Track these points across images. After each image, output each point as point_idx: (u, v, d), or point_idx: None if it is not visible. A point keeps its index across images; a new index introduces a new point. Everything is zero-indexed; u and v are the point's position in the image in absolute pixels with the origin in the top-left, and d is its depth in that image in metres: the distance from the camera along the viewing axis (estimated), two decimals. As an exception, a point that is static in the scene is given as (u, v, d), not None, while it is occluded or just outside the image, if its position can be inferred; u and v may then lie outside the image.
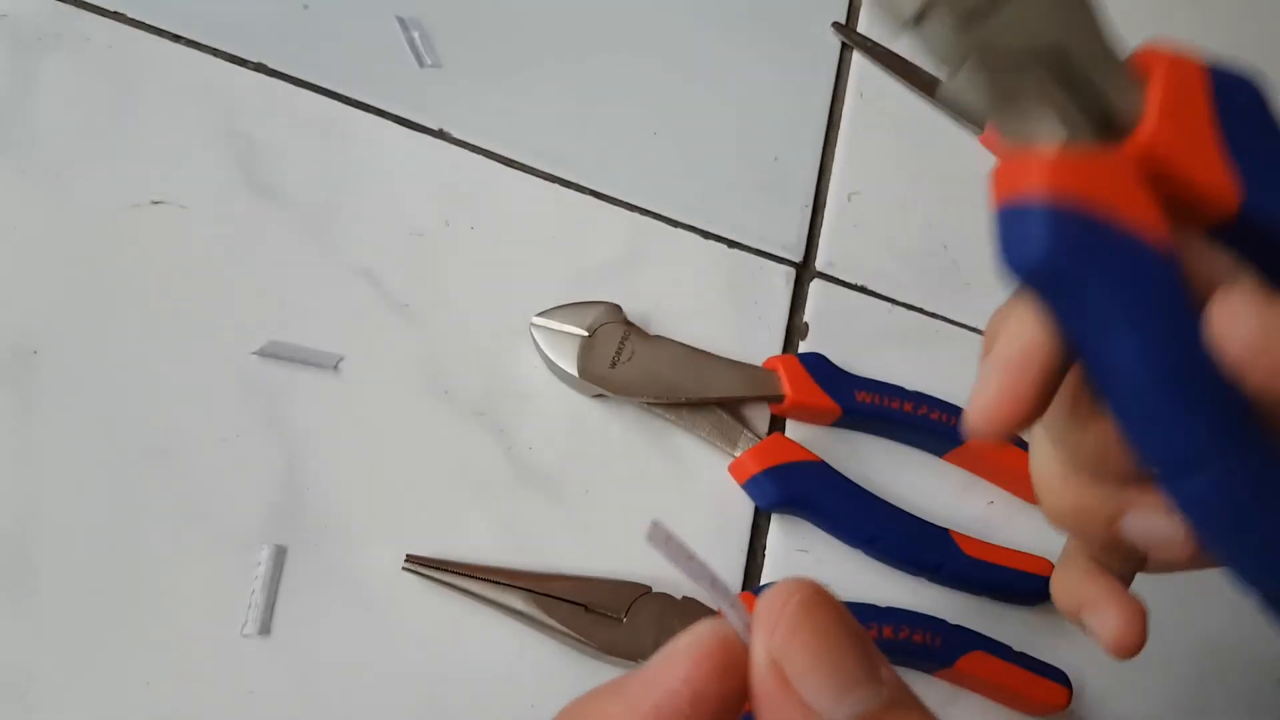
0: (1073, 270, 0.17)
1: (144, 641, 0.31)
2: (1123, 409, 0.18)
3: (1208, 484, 0.18)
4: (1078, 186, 0.17)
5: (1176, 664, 0.41)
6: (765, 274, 0.44)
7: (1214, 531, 0.18)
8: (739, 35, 0.49)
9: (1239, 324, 0.17)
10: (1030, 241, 0.17)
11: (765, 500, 0.38)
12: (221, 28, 0.41)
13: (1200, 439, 0.17)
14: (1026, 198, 0.17)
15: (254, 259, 0.37)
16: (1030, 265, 0.17)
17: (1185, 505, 0.18)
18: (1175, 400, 0.17)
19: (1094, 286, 0.17)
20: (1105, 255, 0.17)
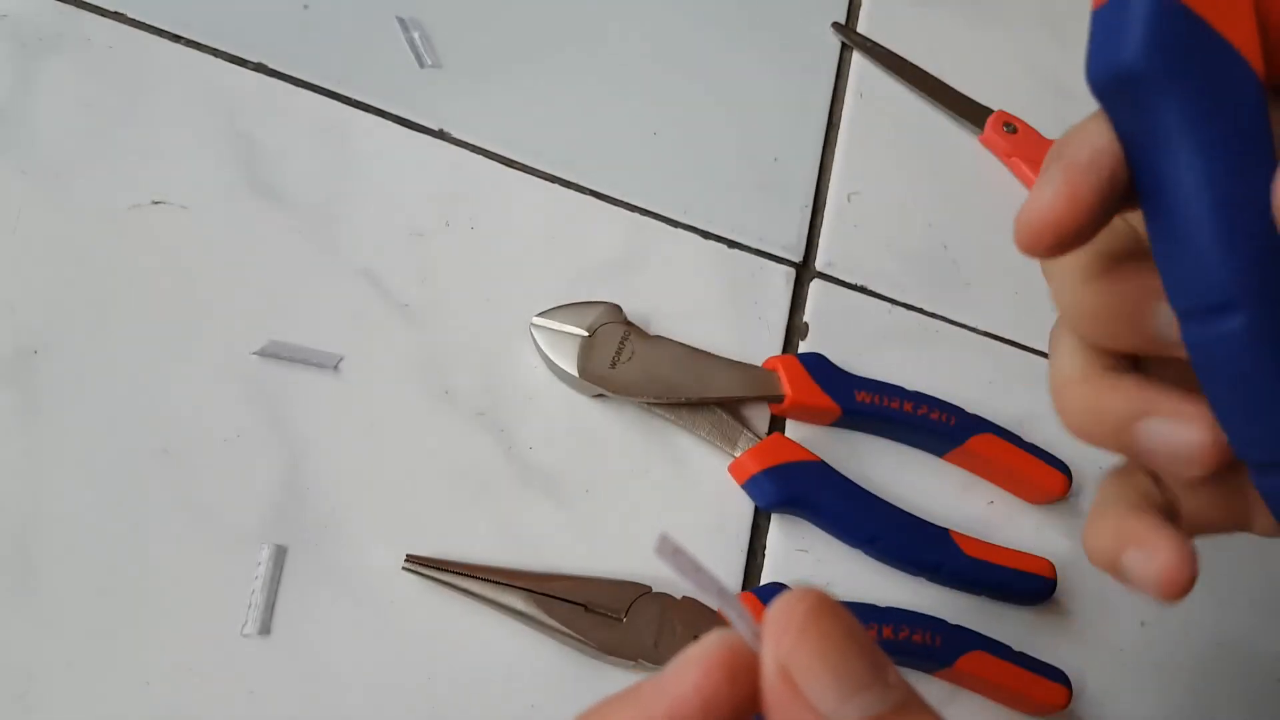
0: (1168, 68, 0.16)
1: (144, 641, 0.31)
2: (1168, 234, 0.17)
3: (1236, 327, 0.17)
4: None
5: (1176, 664, 0.41)
6: (765, 274, 0.44)
7: (1226, 380, 0.17)
8: (739, 35, 0.49)
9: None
10: (1129, 33, 0.16)
11: (765, 500, 0.38)
12: (221, 28, 0.41)
13: (1239, 278, 0.17)
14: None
15: (254, 259, 0.37)
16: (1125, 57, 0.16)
17: (1205, 346, 0.17)
18: (1225, 232, 0.16)
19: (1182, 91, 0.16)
20: (1201, 57, 0.16)
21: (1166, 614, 0.42)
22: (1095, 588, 0.41)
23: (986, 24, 0.54)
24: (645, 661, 0.34)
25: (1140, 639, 0.41)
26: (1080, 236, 0.18)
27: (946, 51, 0.51)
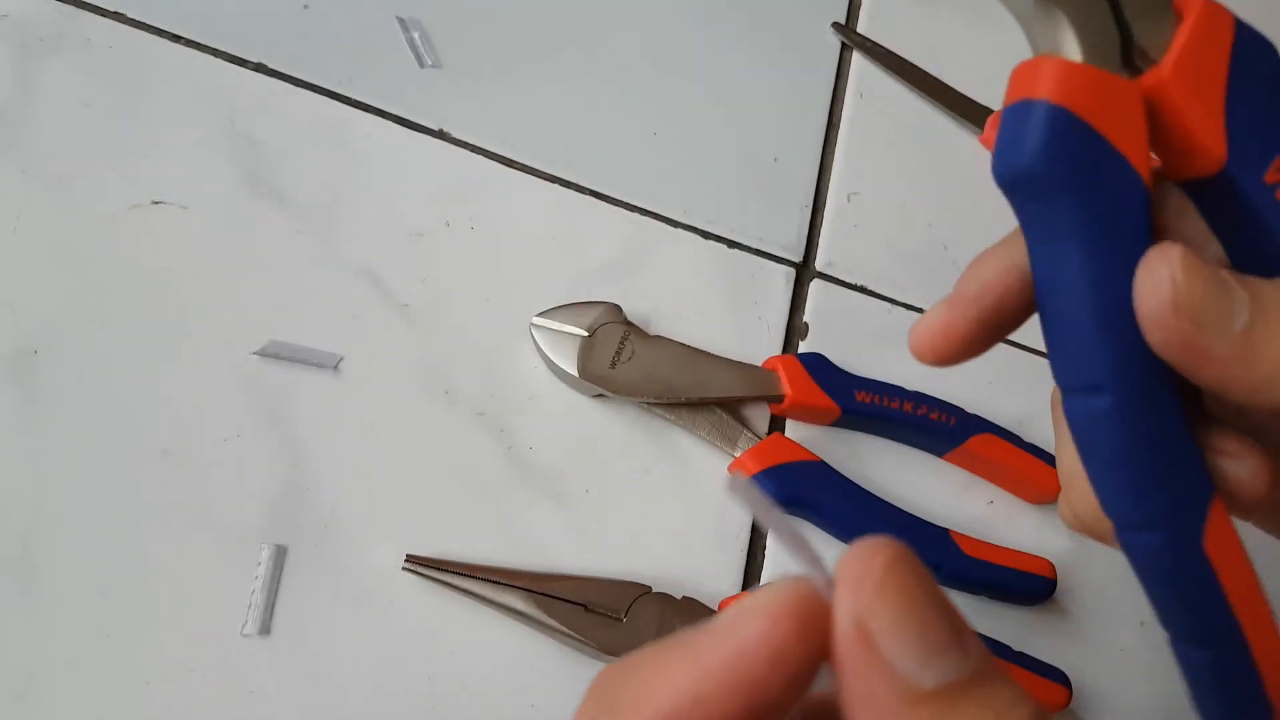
0: (1059, 172, 0.18)
1: (144, 641, 0.31)
2: (1053, 319, 0.19)
3: (1103, 406, 0.18)
4: (1084, 96, 0.18)
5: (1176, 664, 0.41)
6: (765, 274, 0.44)
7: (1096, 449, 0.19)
8: (739, 35, 0.49)
9: (1155, 287, 0.17)
10: (1027, 138, 0.18)
11: (765, 500, 0.38)
12: (221, 28, 0.41)
13: (1107, 365, 0.18)
14: (1034, 95, 0.18)
15: (254, 259, 0.37)
16: (1022, 160, 0.18)
17: (1080, 420, 0.19)
18: (1098, 323, 0.18)
19: (1071, 193, 0.18)
20: (1091, 163, 0.18)
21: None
22: (1095, 588, 0.41)
23: (986, 24, 0.54)
24: (645, 661, 0.34)
25: (1140, 639, 0.41)
26: (961, 356, 0.21)
27: (946, 51, 0.51)
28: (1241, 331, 0.18)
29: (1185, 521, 0.19)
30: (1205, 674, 0.20)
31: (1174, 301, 0.17)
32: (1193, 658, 0.20)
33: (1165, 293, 0.17)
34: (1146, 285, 0.18)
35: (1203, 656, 0.20)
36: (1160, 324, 0.18)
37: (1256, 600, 0.20)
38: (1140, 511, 0.19)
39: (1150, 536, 0.20)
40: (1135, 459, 0.19)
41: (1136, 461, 0.19)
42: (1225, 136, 0.18)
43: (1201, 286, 0.17)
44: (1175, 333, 0.18)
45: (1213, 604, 0.19)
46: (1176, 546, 0.19)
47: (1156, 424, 0.19)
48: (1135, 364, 0.18)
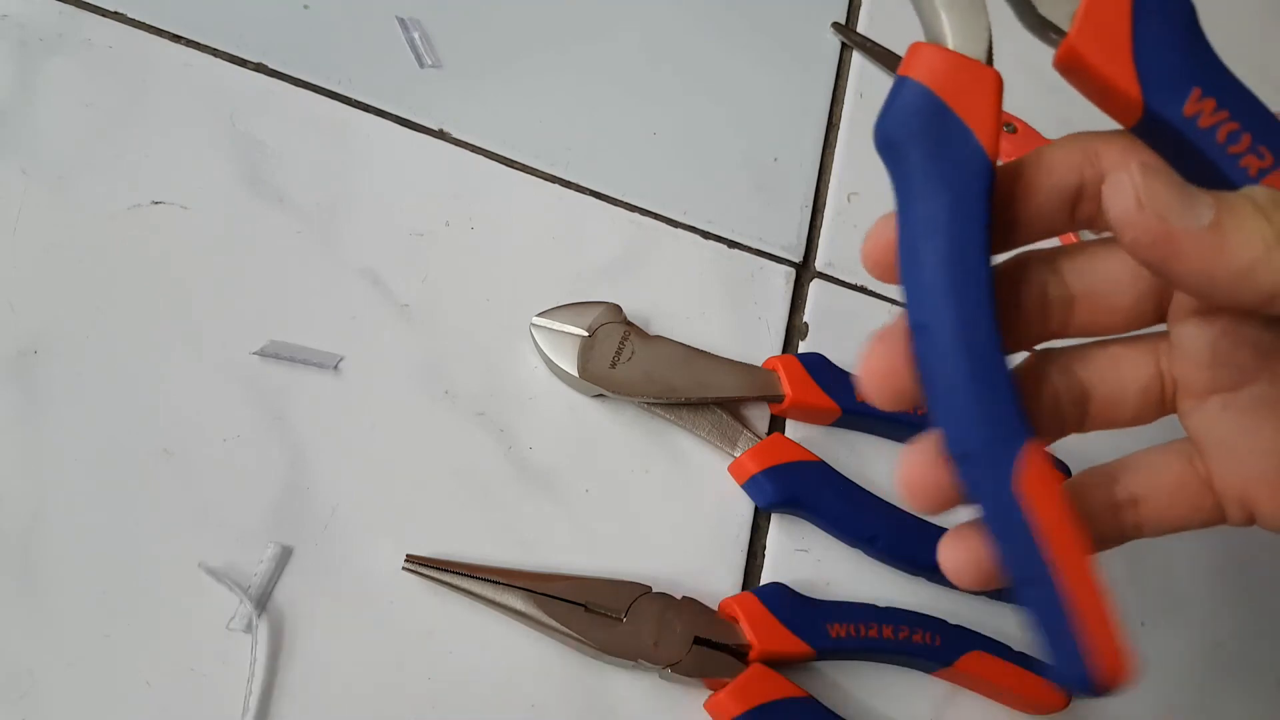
0: (915, 140, 0.21)
1: (145, 641, 0.31)
2: (901, 263, 0.22)
3: (931, 341, 0.21)
4: (946, 78, 0.21)
5: (1176, 664, 0.41)
6: (765, 274, 0.44)
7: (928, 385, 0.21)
8: (739, 36, 0.49)
9: (1122, 190, 0.19)
10: (895, 107, 0.21)
11: (765, 500, 0.38)
12: (221, 28, 0.41)
13: (942, 303, 0.21)
14: (908, 74, 0.21)
15: (254, 259, 0.37)
16: (888, 126, 0.22)
17: (919, 357, 0.22)
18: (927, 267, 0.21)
19: (923, 159, 0.21)
20: (938, 130, 0.21)
21: (1167, 614, 0.42)
22: (1095, 588, 0.41)
23: (986, 24, 0.54)
24: (645, 661, 0.34)
25: (1140, 639, 0.41)
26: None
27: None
28: (1210, 225, 0.19)
29: (998, 457, 0.21)
30: (1035, 615, 0.22)
31: (1136, 198, 0.19)
32: (1024, 599, 0.22)
33: (1129, 193, 0.19)
34: (1111, 192, 0.20)
35: (1029, 596, 0.21)
36: (1128, 221, 0.19)
37: (1070, 543, 0.21)
38: (959, 443, 0.21)
39: (971, 469, 0.21)
40: (952, 393, 0.21)
41: (953, 395, 0.21)
42: (1138, 83, 0.21)
43: (1162, 184, 0.19)
44: (1143, 228, 0.19)
45: (1025, 541, 0.21)
46: (991, 483, 0.21)
47: (972, 363, 0.21)
48: (955, 306, 0.21)
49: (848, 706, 0.36)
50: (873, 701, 0.37)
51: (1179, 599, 0.42)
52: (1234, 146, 0.21)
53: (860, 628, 0.36)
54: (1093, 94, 0.22)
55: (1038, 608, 0.21)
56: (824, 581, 0.38)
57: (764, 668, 0.34)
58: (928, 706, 0.38)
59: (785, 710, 0.34)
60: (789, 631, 0.35)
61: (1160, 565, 0.42)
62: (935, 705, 0.38)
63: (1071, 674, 0.21)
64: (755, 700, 0.33)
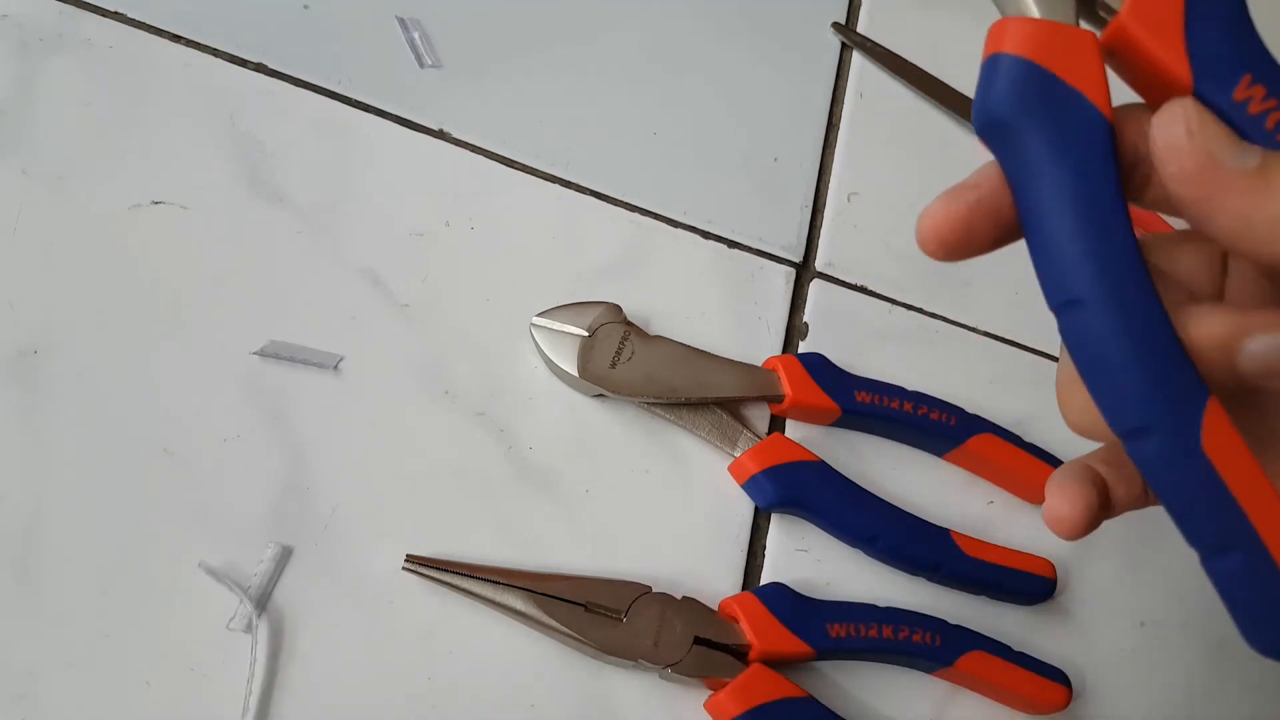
0: (1026, 117, 0.20)
1: (145, 641, 0.31)
2: (1037, 246, 0.21)
3: (1087, 317, 0.20)
4: (1044, 47, 0.20)
5: (1176, 664, 0.41)
6: (765, 274, 0.44)
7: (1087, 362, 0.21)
8: (739, 35, 0.49)
9: (1172, 121, 0.20)
10: (1002, 86, 0.21)
11: (765, 500, 0.38)
12: (221, 28, 0.41)
13: (1085, 278, 0.20)
14: (1000, 50, 0.21)
15: (254, 259, 0.37)
16: (993, 106, 0.21)
17: (1070, 334, 0.21)
18: (1076, 239, 0.20)
19: (1039, 134, 0.20)
20: (1051, 102, 0.20)
21: (1166, 614, 0.42)
22: (1095, 588, 0.41)
23: (986, 24, 0.53)
24: (645, 661, 0.34)
25: (1140, 639, 0.41)
26: (961, 245, 0.22)
27: (946, 51, 0.51)
28: (1256, 167, 0.19)
29: (1180, 424, 0.20)
30: (1233, 583, 0.21)
31: (1188, 129, 0.19)
32: (1219, 569, 0.21)
33: (1179, 125, 0.19)
34: (1162, 123, 0.20)
35: (1226, 564, 0.20)
36: (1176, 151, 0.19)
37: (1268, 498, 0.20)
38: (1134, 418, 0.20)
39: (1149, 444, 0.20)
40: (1122, 366, 0.20)
41: (1123, 368, 0.20)
42: (1189, 65, 0.21)
43: (1214, 124, 0.19)
44: (1190, 159, 0.19)
45: (1221, 506, 0.20)
46: (1175, 450, 0.20)
47: (1139, 330, 0.20)
48: (1110, 274, 0.20)
49: (848, 706, 0.37)
50: (873, 701, 0.37)
51: (1179, 599, 0.42)
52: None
53: (860, 628, 0.36)
54: (1138, 76, 0.21)
55: (1240, 575, 0.20)
56: (824, 581, 0.38)
57: (764, 668, 0.34)
58: (928, 706, 0.38)
59: (785, 710, 0.34)
60: (789, 631, 0.35)
61: (1160, 565, 0.42)
62: (935, 705, 0.38)
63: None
64: (755, 700, 0.33)
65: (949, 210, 0.22)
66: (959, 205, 0.22)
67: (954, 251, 0.22)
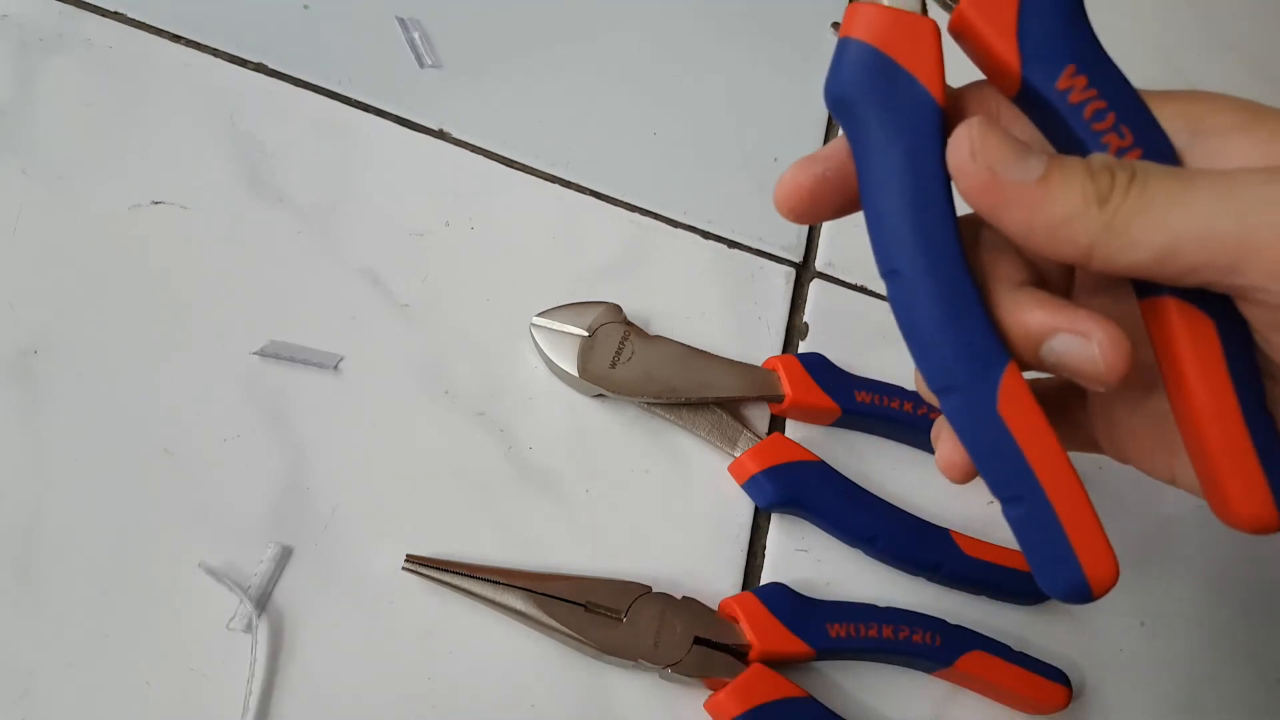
0: (865, 96, 0.22)
1: (145, 641, 0.31)
2: (868, 216, 0.23)
3: (905, 286, 0.22)
4: (888, 34, 0.22)
5: (1176, 664, 0.41)
6: (765, 274, 0.44)
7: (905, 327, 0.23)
8: (739, 35, 0.49)
9: (961, 140, 0.21)
10: (846, 67, 0.22)
11: (765, 500, 0.38)
12: (221, 28, 0.41)
13: (902, 250, 0.22)
14: (851, 35, 0.22)
15: (254, 259, 0.37)
16: (839, 86, 0.22)
17: (893, 300, 0.23)
18: (893, 216, 0.22)
19: (875, 112, 0.22)
20: (887, 84, 0.22)
21: (1166, 614, 0.42)
22: (1095, 588, 0.41)
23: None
24: (645, 661, 0.34)
25: (1140, 639, 0.41)
26: (810, 210, 0.24)
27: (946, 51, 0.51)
28: (1038, 180, 0.21)
29: (979, 385, 0.22)
30: (1024, 530, 0.23)
31: (971, 151, 0.21)
32: (1013, 517, 0.23)
33: (965, 146, 0.21)
34: (951, 144, 0.22)
35: (1017, 514, 0.22)
36: (963, 171, 0.21)
37: (1055, 458, 0.22)
38: (941, 377, 0.22)
39: (954, 400, 0.22)
40: (930, 331, 0.22)
41: (931, 332, 0.22)
42: (1018, 54, 0.22)
43: (996, 140, 0.21)
44: (975, 176, 0.21)
45: (1011, 461, 0.22)
46: (974, 408, 0.22)
47: (945, 300, 0.22)
48: (924, 248, 0.22)
49: (848, 706, 0.37)
50: (873, 701, 0.37)
51: (1179, 599, 0.42)
52: (1099, 123, 0.22)
53: (860, 628, 0.36)
54: (980, 63, 0.23)
55: (1028, 523, 0.22)
56: (824, 581, 0.38)
57: (764, 668, 0.34)
58: (928, 706, 0.38)
59: (785, 710, 0.34)
60: (789, 631, 0.35)
61: (1160, 565, 0.42)
62: (935, 705, 0.38)
63: (1065, 581, 0.22)
64: (755, 700, 0.33)
65: (798, 179, 0.24)
66: (807, 176, 0.24)
67: (802, 216, 0.25)
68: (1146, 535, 0.42)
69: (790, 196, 0.24)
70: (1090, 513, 0.22)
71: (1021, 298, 0.23)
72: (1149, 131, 0.22)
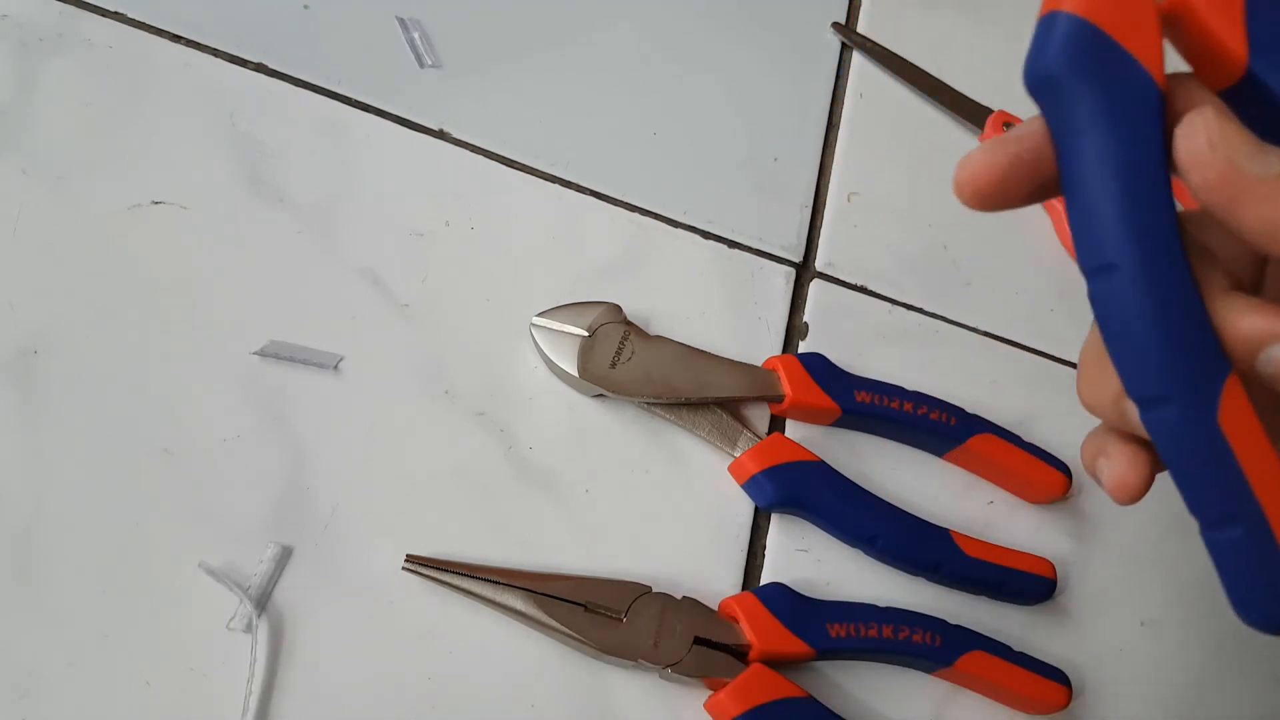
0: (1078, 76, 0.20)
1: (145, 641, 0.31)
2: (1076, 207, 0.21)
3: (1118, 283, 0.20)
4: (1102, 8, 0.20)
5: (1176, 664, 0.41)
6: (765, 274, 0.44)
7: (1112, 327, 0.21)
8: (739, 35, 0.49)
9: (1195, 130, 0.20)
10: (1054, 43, 0.20)
11: (765, 500, 0.38)
12: (221, 28, 0.41)
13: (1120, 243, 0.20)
14: (1059, 8, 0.20)
15: (254, 259, 0.37)
16: (1046, 63, 0.20)
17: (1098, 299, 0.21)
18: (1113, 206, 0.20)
19: (1088, 94, 0.20)
20: (1105, 64, 0.20)
21: (1166, 614, 0.42)
22: (1095, 588, 0.41)
23: (986, 24, 0.54)
24: (645, 661, 0.34)
25: (1140, 639, 0.41)
26: (999, 195, 0.22)
27: (946, 51, 0.51)
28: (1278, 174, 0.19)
29: (1199, 396, 0.20)
30: (1231, 555, 0.21)
31: (1209, 140, 0.19)
32: (1218, 541, 0.21)
33: (1201, 136, 0.19)
34: (1184, 134, 0.20)
35: (1226, 537, 0.21)
36: (1198, 162, 0.19)
37: (1276, 476, 0.20)
38: (1154, 385, 0.21)
39: (1166, 412, 0.21)
40: (1147, 334, 0.20)
41: (1149, 336, 0.20)
42: (1246, 41, 0.20)
43: (1235, 131, 0.19)
44: (1212, 168, 0.19)
45: (1230, 480, 0.20)
46: (1191, 421, 0.20)
47: (1168, 300, 0.20)
48: (1146, 242, 0.20)
49: (848, 706, 0.37)
50: (873, 701, 0.37)
51: (1179, 599, 0.42)
52: None
53: (860, 628, 0.36)
54: (1193, 49, 0.21)
55: (1238, 548, 0.21)
56: (824, 581, 0.38)
57: (764, 668, 0.34)
58: (928, 706, 0.38)
59: (785, 710, 0.34)
60: (789, 631, 0.35)
61: (1160, 565, 0.42)
62: (935, 705, 0.38)
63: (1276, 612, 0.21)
64: (755, 700, 0.33)
65: (989, 160, 0.22)
66: (1000, 156, 0.22)
67: (989, 201, 0.23)
68: (1146, 535, 0.42)
69: (979, 178, 0.22)
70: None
71: (1235, 302, 0.21)
72: None
